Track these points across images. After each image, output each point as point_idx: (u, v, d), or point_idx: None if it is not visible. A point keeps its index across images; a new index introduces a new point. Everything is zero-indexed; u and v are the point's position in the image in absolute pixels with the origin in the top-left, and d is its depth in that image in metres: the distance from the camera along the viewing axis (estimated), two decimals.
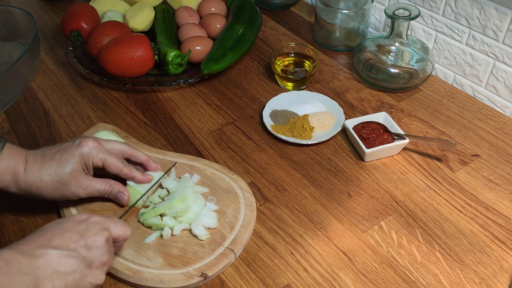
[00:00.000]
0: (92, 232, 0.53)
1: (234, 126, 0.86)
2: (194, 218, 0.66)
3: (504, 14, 0.82)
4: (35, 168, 0.63)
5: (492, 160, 0.79)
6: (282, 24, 1.14)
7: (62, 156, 0.63)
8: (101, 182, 0.67)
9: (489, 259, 0.65)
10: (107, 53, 0.89)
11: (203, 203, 0.68)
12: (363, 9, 0.99)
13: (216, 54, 0.92)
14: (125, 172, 0.68)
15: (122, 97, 0.93)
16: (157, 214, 0.66)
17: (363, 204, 0.72)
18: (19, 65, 0.88)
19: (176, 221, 0.66)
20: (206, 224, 0.66)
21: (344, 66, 1.00)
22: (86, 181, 0.65)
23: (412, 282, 0.62)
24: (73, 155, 0.64)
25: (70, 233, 0.52)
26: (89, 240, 0.52)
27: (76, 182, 0.64)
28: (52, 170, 0.63)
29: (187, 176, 0.73)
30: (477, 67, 0.91)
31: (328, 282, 0.62)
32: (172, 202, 0.66)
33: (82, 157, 0.64)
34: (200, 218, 0.66)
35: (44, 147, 0.66)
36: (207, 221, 0.66)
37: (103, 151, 0.66)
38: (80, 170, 0.64)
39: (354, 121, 0.82)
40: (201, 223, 0.66)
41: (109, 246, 0.55)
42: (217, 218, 0.67)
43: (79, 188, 0.64)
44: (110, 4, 1.04)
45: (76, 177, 0.64)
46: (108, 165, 0.66)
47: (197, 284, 0.61)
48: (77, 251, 0.51)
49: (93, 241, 0.52)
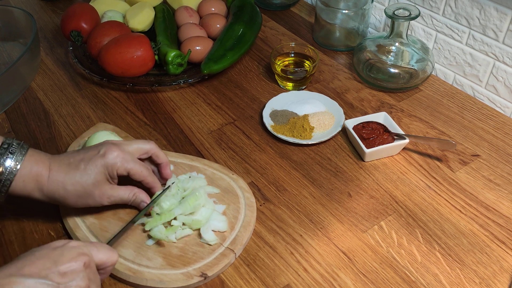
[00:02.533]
0: (67, 258, 0.49)
1: (234, 126, 0.86)
2: (204, 223, 0.65)
3: (504, 14, 0.82)
4: (59, 176, 0.62)
5: (492, 160, 0.79)
6: (282, 24, 1.14)
7: (86, 166, 0.62)
8: (125, 190, 0.66)
9: (489, 259, 0.65)
10: (107, 53, 0.89)
11: (213, 207, 0.68)
12: (363, 9, 0.99)
13: (216, 54, 0.92)
14: (148, 181, 0.67)
15: (122, 97, 0.93)
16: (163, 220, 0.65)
17: (363, 204, 0.72)
18: (19, 65, 0.88)
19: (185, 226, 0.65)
20: (216, 227, 0.65)
21: (344, 66, 1.00)
22: (110, 191, 0.64)
23: (412, 282, 0.62)
24: (97, 166, 0.63)
25: (43, 260, 0.48)
26: (63, 267, 0.48)
27: (100, 192, 0.63)
28: (75, 180, 0.62)
29: (197, 175, 0.72)
30: (477, 67, 0.91)
31: (328, 282, 0.62)
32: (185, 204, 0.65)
33: (106, 167, 0.63)
34: (210, 222, 0.66)
35: (68, 153, 0.65)
36: (217, 224, 0.66)
37: (127, 160, 0.65)
38: (104, 180, 0.64)
39: (354, 121, 0.82)
40: (210, 228, 0.65)
41: (90, 271, 0.51)
42: (226, 222, 0.67)
43: (103, 197, 0.64)
44: (110, 4, 1.04)
45: (100, 187, 0.63)
46: (133, 174, 0.65)
47: (197, 284, 0.61)
48: (49, 278, 0.47)
49: (67, 267, 0.49)
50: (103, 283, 0.62)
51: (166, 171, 0.70)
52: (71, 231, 0.66)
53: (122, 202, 0.66)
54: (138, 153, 0.67)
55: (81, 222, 0.67)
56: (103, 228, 0.66)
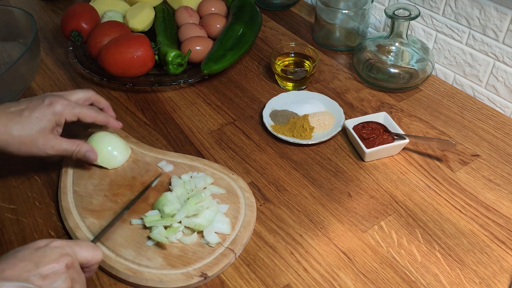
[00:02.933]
0: (48, 259, 0.49)
1: (234, 126, 0.86)
2: (207, 225, 0.65)
3: (504, 14, 0.82)
4: (1, 123, 0.63)
5: (492, 160, 0.79)
6: (282, 24, 1.14)
7: (32, 114, 0.65)
8: (68, 141, 0.68)
9: (489, 259, 0.65)
10: (107, 53, 0.89)
11: (216, 209, 0.68)
12: (363, 9, 0.99)
13: (216, 54, 0.92)
14: (100, 119, 0.70)
15: (122, 97, 0.93)
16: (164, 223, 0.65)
17: (363, 204, 0.72)
18: (19, 65, 0.88)
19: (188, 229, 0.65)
20: (220, 230, 0.65)
21: (344, 66, 1.00)
22: (53, 140, 0.66)
23: (412, 282, 0.62)
24: (45, 114, 0.65)
25: (24, 262, 0.48)
26: (44, 269, 0.48)
27: (44, 140, 0.65)
28: (20, 126, 0.64)
29: (201, 175, 0.72)
30: (477, 67, 0.91)
31: (328, 282, 0.62)
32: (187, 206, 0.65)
33: (54, 115, 0.66)
34: (213, 224, 0.65)
35: (6, 103, 0.67)
36: (221, 227, 0.65)
37: (74, 106, 0.68)
38: (50, 128, 0.66)
39: (354, 121, 0.82)
40: (214, 229, 0.65)
41: (73, 271, 0.51)
42: (230, 224, 0.66)
43: (47, 145, 0.66)
44: (110, 4, 1.04)
45: (44, 135, 0.65)
46: (83, 117, 0.68)
47: (197, 284, 0.61)
48: (30, 281, 0.47)
49: (49, 269, 0.48)
50: (103, 283, 0.62)
51: (110, 113, 0.75)
52: (71, 231, 0.66)
53: (65, 153, 0.68)
54: (80, 100, 0.71)
55: (81, 222, 0.67)
56: (103, 228, 0.66)
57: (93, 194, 0.71)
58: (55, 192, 0.74)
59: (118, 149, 0.76)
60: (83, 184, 0.72)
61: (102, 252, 0.57)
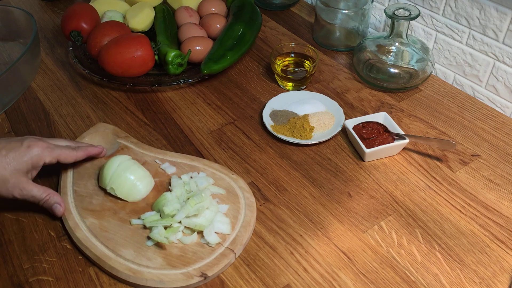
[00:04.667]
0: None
1: (234, 126, 0.86)
2: (207, 225, 0.65)
3: (504, 14, 0.82)
4: None
5: (492, 160, 0.79)
6: (282, 24, 1.14)
7: (8, 154, 0.64)
8: (39, 188, 0.66)
9: (489, 259, 0.65)
10: (107, 53, 0.89)
11: (217, 209, 0.68)
12: (363, 9, 0.99)
13: (216, 54, 0.92)
14: (81, 155, 0.70)
15: (122, 97, 0.93)
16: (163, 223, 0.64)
17: (363, 204, 0.72)
18: (19, 65, 0.88)
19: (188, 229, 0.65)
20: (220, 230, 0.65)
21: (344, 66, 1.00)
22: (24, 183, 0.65)
23: (412, 282, 0.62)
24: (22, 156, 0.64)
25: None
26: None
27: (15, 182, 0.64)
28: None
29: (202, 175, 0.72)
30: (477, 67, 0.91)
31: (328, 282, 0.62)
32: (187, 206, 0.65)
33: (32, 158, 0.65)
34: (214, 224, 0.65)
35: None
36: (221, 227, 0.65)
37: (53, 148, 0.67)
38: (24, 171, 0.65)
39: (354, 121, 0.82)
40: (214, 230, 0.65)
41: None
42: (230, 224, 0.66)
43: (15, 188, 0.64)
44: (110, 4, 1.04)
45: (17, 176, 0.64)
46: (64, 159, 0.68)
47: (197, 284, 0.61)
48: None
49: None
50: (103, 283, 0.62)
51: (94, 150, 0.73)
52: (71, 231, 0.66)
53: (33, 200, 0.66)
54: (61, 143, 0.70)
55: (81, 222, 0.67)
56: (103, 228, 0.66)
57: (93, 194, 0.71)
58: None
59: (141, 180, 0.70)
60: (83, 184, 0.72)
61: None
